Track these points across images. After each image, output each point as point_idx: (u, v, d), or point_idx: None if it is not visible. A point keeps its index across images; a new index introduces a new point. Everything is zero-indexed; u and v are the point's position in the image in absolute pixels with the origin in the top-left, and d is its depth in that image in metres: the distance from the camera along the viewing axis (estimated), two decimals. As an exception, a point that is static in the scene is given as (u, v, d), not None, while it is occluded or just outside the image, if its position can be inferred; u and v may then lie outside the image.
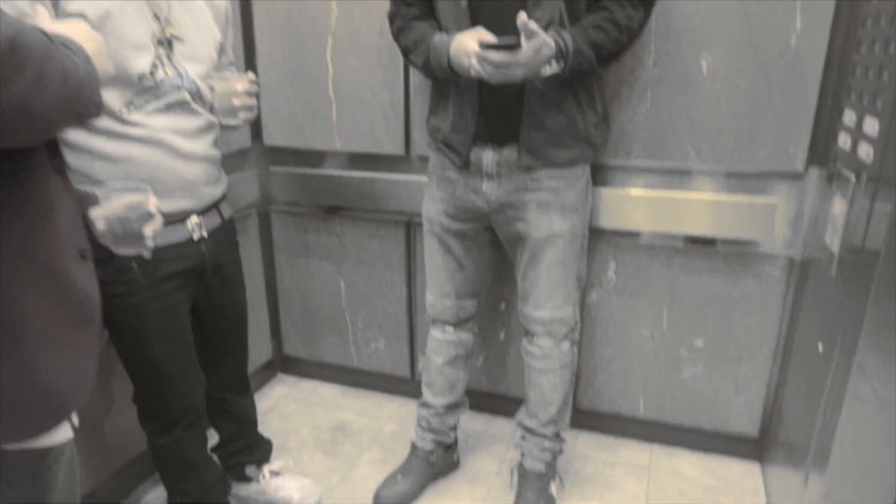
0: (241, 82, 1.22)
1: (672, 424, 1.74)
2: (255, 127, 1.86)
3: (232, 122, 1.25)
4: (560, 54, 1.17)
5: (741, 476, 1.66)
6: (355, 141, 1.76)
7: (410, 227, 1.80)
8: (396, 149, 1.72)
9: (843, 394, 1.09)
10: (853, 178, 1.14)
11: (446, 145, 1.40)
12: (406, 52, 1.38)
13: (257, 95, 1.25)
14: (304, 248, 1.97)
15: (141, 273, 1.15)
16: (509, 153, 1.33)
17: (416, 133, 1.70)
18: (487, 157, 1.34)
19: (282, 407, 2.02)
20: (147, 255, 0.94)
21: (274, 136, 1.85)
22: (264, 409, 1.99)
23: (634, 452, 1.76)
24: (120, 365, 1.25)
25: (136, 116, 1.10)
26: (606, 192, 1.56)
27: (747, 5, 1.35)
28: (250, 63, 1.80)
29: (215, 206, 1.28)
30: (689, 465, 1.70)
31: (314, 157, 1.87)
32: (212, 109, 1.23)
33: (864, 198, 1.08)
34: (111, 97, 1.07)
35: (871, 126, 1.08)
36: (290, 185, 1.90)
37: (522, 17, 1.06)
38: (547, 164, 1.33)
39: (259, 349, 2.05)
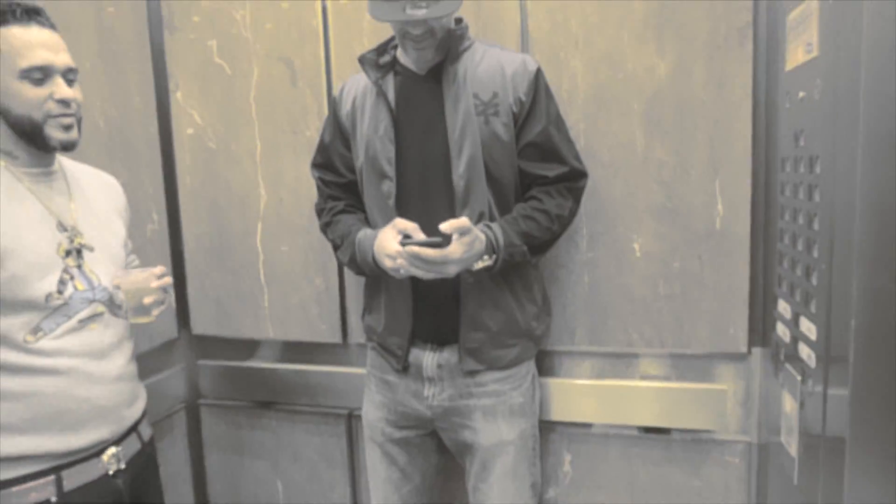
0: (152, 280, 1.09)
1: None
2: (182, 315, 1.75)
3: (143, 320, 1.13)
4: (491, 248, 1.14)
5: None
6: (289, 329, 1.67)
7: (351, 419, 1.66)
8: (333, 337, 1.63)
9: None
10: (799, 379, 1.10)
11: (383, 347, 1.32)
12: (334, 247, 1.33)
13: (170, 287, 1.16)
14: (238, 445, 1.78)
15: None
16: (450, 355, 1.25)
17: (352, 319, 1.62)
18: (427, 359, 1.26)
19: None
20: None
21: (202, 324, 1.74)
22: None
23: None
24: None
25: (43, 344, 0.97)
26: (554, 383, 1.47)
27: (669, 189, 1.37)
28: (176, 248, 1.72)
29: (134, 428, 1.13)
30: None
31: (246, 347, 1.76)
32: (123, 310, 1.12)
33: (815, 404, 1.03)
34: (12, 326, 0.95)
35: (809, 329, 1.06)
36: (221, 378, 1.76)
37: (450, 223, 1.03)
38: (490, 366, 1.26)
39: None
